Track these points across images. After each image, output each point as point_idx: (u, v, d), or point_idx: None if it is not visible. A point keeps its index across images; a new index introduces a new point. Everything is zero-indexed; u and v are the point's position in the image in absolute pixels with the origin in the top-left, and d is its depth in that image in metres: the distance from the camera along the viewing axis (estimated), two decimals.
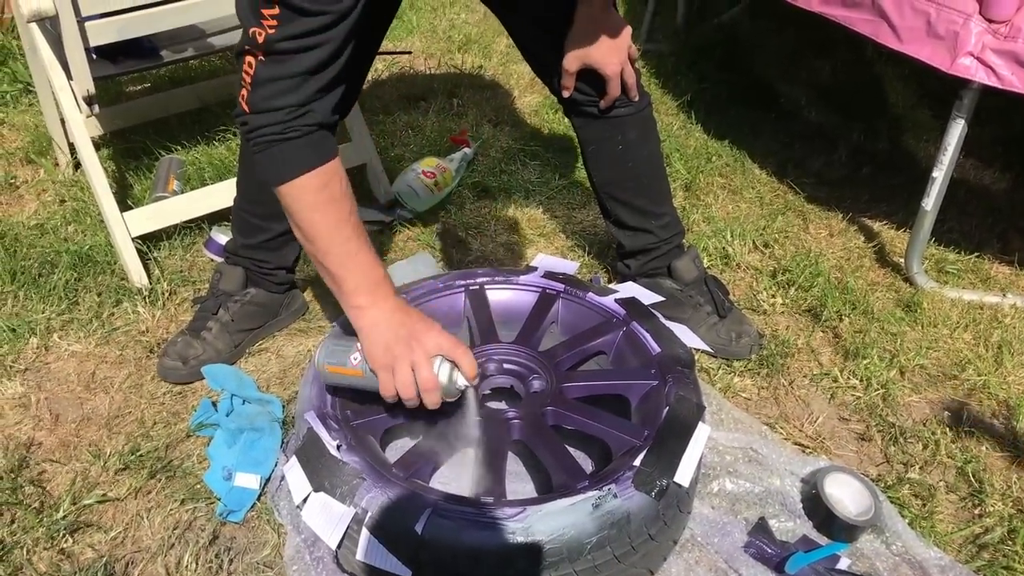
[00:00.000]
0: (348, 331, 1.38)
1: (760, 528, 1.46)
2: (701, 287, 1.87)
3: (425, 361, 1.27)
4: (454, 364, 1.30)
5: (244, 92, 1.20)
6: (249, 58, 1.19)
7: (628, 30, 1.66)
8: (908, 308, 1.98)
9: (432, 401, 1.29)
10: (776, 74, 3.11)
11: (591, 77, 1.68)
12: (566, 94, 1.72)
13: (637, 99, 1.73)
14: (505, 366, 1.57)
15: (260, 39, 1.16)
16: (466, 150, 2.53)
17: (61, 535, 1.44)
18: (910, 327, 1.94)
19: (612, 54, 1.63)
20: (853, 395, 1.77)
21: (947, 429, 1.68)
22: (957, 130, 1.90)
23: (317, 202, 1.24)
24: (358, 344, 1.33)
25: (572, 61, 1.65)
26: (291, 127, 1.21)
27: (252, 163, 1.73)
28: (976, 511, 1.52)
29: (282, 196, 1.25)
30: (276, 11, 1.14)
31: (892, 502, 1.51)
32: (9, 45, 2.94)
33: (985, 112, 2.09)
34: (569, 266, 1.78)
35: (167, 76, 2.90)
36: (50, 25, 1.98)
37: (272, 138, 1.21)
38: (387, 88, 3.03)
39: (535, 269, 1.74)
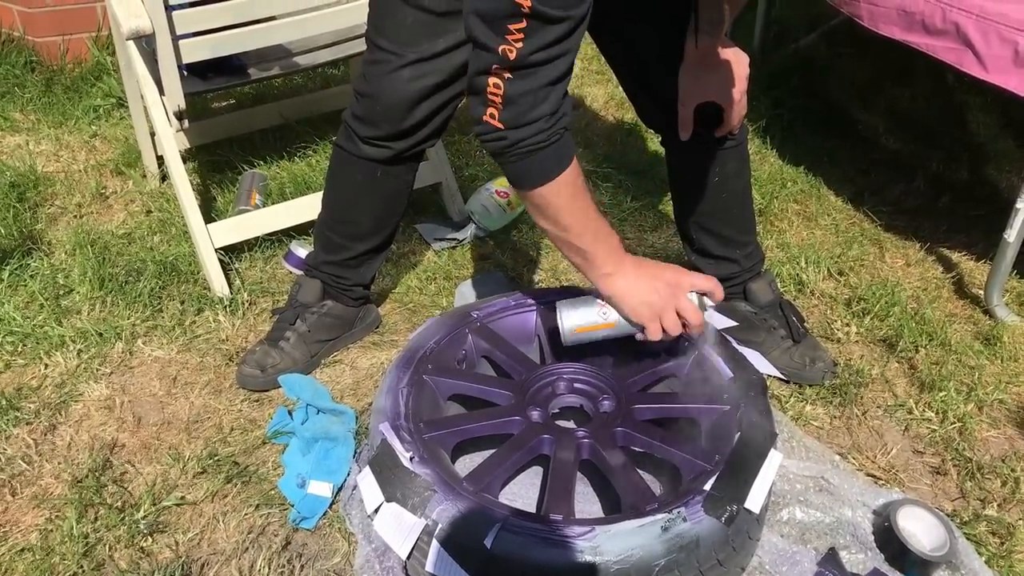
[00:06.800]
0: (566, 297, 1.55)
1: (830, 559, 1.44)
2: (776, 311, 1.86)
3: (688, 304, 1.43)
4: (702, 294, 1.47)
5: (494, 111, 1.24)
6: (495, 78, 1.22)
7: (747, 59, 1.59)
8: (987, 341, 1.94)
9: (698, 330, 1.47)
10: (853, 101, 3.07)
11: (701, 108, 1.62)
12: (685, 136, 1.66)
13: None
14: (575, 385, 1.57)
15: (512, 55, 1.19)
16: None
17: (141, 534, 1.49)
18: (989, 360, 1.89)
19: (733, 86, 1.58)
20: (928, 428, 1.73)
21: None
22: None
23: (571, 196, 1.35)
24: (599, 301, 1.48)
25: (693, 94, 1.60)
26: (550, 135, 1.27)
27: (341, 184, 1.77)
28: None
29: (539, 196, 1.34)
30: (523, 24, 1.17)
31: (968, 539, 1.48)
32: (104, 61, 3.05)
33: None
34: None
35: (251, 93, 2.98)
36: (145, 43, 2.06)
37: (532, 148, 1.27)
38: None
39: None
